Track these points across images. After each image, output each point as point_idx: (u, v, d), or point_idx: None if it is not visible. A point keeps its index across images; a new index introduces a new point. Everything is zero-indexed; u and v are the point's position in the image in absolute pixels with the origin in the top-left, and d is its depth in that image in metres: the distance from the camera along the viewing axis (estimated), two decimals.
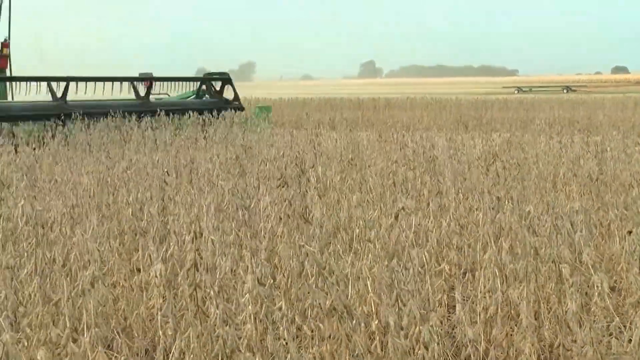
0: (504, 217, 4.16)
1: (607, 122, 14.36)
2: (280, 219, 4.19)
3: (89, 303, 2.71)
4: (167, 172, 5.57)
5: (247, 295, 2.78)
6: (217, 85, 14.95)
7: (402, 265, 2.94)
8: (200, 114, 11.95)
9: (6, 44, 13.15)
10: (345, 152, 7.47)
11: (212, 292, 2.86)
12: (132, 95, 12.94)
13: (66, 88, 11.64)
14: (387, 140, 8.08)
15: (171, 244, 3.72)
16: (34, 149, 7.88)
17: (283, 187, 4.75)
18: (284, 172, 5.59)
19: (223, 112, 12.95)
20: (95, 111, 11.28)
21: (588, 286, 3.44)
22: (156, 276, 3.29)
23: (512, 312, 3.27)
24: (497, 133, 9.84)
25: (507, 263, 3.37)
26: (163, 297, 3.20)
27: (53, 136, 9.23)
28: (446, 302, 3.63)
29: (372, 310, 3.10)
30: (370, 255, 3.45)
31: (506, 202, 4.84)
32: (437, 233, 4.19)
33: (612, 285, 4.02)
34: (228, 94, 14.77)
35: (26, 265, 3.49)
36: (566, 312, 2.97)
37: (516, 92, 45.04)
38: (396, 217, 3.64)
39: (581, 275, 3.76)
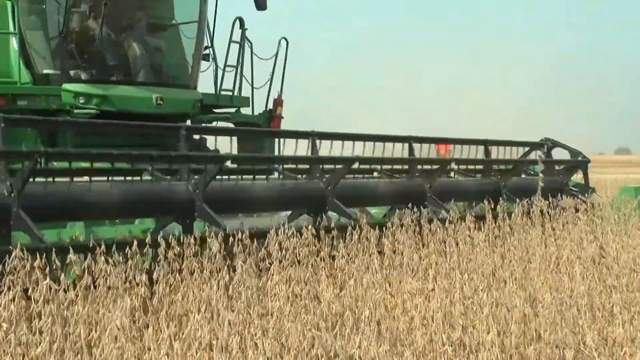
0: (508, 298, 4.22)
1: (609, 203, 14.41)
2: (289, 298, 4.26)
3: None
4: None
5: None
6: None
7: (407, 347, 3.01)
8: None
9: (280, 101, 9.97)
10: None
11: None
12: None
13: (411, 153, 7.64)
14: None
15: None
16: None
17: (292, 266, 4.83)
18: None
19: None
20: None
21: None
22: (166, 354, 3.35)
23: None
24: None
25: (510, 345, 3.43)
26: None
27: None
28: None
29: None
30: (375, 337, 3.52)
31: (511, 283, 4.91)
32: (442, 314, 4.26)
33: None
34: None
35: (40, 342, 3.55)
36: None
37: None
38: (402, 302, 3.73)
39: None
